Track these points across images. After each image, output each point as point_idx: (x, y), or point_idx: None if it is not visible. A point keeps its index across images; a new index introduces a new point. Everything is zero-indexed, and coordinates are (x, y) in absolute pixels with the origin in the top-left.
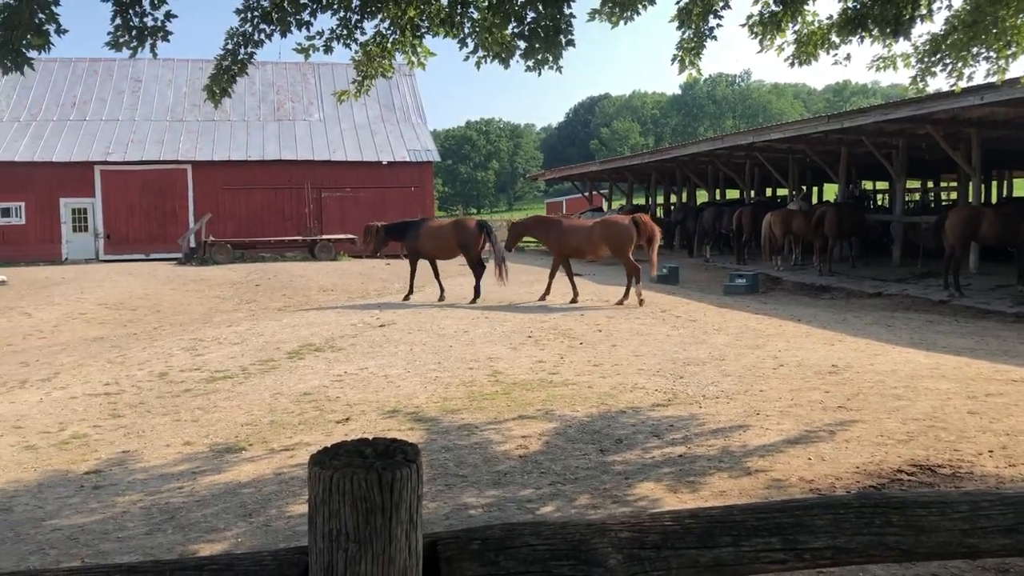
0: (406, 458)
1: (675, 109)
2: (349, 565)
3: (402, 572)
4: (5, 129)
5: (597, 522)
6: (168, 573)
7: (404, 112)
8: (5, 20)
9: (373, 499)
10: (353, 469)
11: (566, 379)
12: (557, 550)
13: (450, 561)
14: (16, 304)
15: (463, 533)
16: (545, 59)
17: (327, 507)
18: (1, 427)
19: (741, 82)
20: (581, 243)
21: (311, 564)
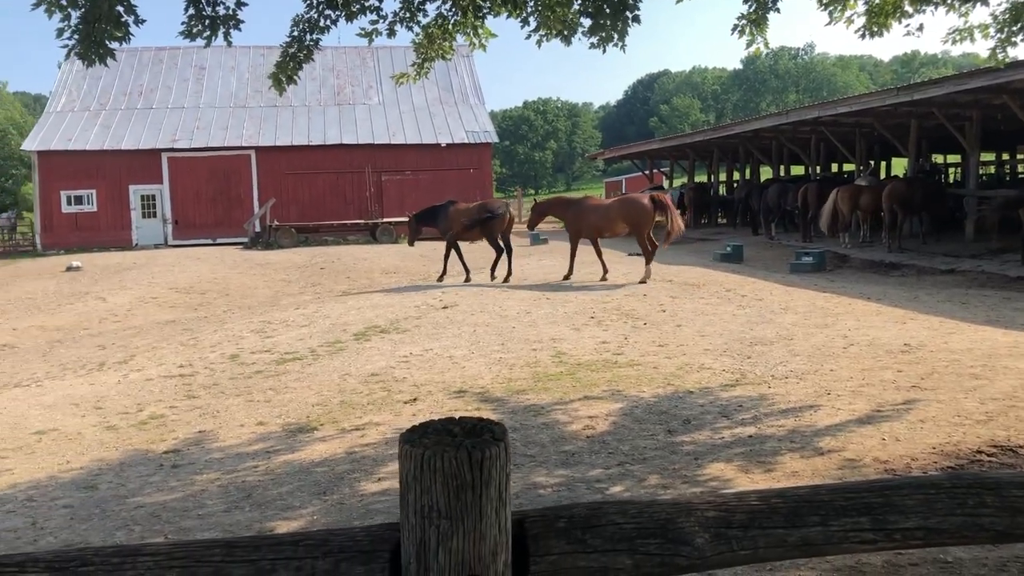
0: (494, 437)
1: (736, 84)
2: (441, 541)
3: (492, 548)
4: (76, 119)
5: (683, 501)
6: (266, 548)
7: (462, 94)
8: (86, 14)
9: (463, 476)
10: (443, 447)
11: (631, 359)
12: (644, 528)
13: (537, 538)
14: (91, 289)
15: (550, 511)
16: (610, 36)
17: (419, 484)
18: (83, 408)
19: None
20: (600, 221)
21: (403, 539)
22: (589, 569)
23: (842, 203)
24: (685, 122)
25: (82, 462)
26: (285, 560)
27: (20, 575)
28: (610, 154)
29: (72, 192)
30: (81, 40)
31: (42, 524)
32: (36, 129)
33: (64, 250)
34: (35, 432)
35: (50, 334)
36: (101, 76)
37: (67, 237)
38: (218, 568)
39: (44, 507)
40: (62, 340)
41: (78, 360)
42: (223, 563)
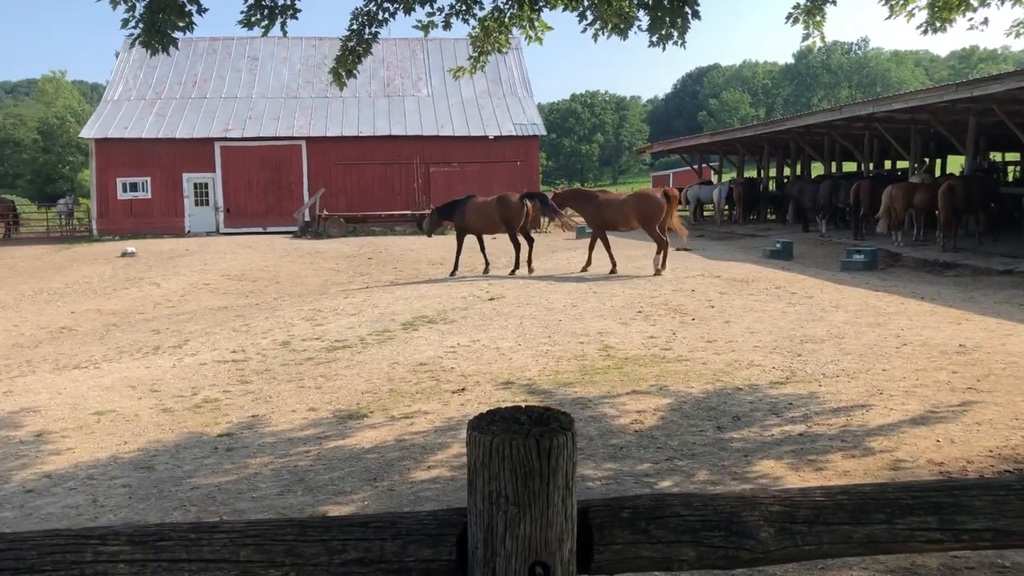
0: (561, 426)
1: (787, 79)
2: (509, 527)
3: (559, 535)
4: (132, 108)
5: (747, 495)
6: (337, 528)
7: (511, 86)
8: (151, 3)
9: (531, 464)
10: (511, 435)
11: (679, 355)
12: (708, 521)
13: (602, 527)
14: (145, 275)
15: (614, 501)
16: (669, 33)
17: (487, 470)
18: (139, 390)
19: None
20: (614, 215)
21: (470, 524)
22: (652, 560)
23: (896, 201)
24: (734, 117)
25: (139, 443)
26: (355, 541)
27: (102, 547)
28: (658, 148)
29: (128, 179)
30: (145, 29)
31: (102, 502)
32: (94, 117)
33: (119, 236)
34: (94, 413)
35: (106, 317)
36: (157, 66)
37: (122, 223)
38: (291, 546)
39: (104, 486)
40: (118, 324)
41: (134, 344)
42: (295, 542)
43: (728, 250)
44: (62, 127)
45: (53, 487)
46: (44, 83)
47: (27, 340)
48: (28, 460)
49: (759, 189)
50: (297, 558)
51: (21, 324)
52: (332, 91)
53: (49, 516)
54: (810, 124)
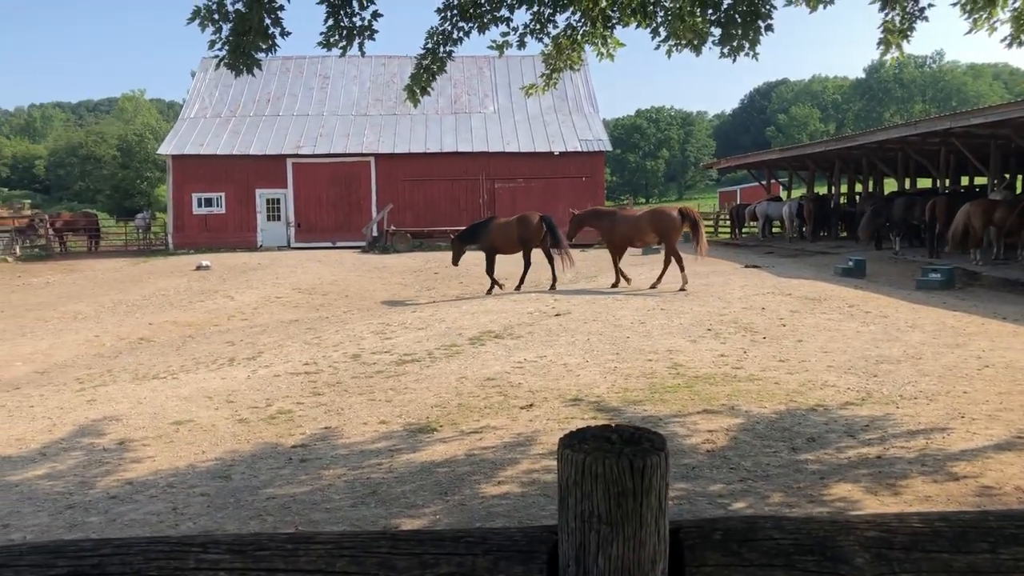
0: (654, 446)
1: (858, 94)
2: (602, 546)
3: (652, 557)
4: (208, 125)
5: (841, 519)
6: (429, 542)
7: (576, 102)
8: (236, 26)
9: (624, 483)
10: (604, 453)
11: (751, 374)
12: (801, 544)
13: (693, 549)
14: (220, 288)
15: (705, 522)
16: (741, 46)
17: (579, 489)
18: (216, 401)
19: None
20: (631, 231)
21: (562, 542)
22: None
23: (974, 218)
24: (803, 132)
25: (216, 453)
26: (447, 555)
27: (204, 555)
28: (725, 164)
29: (203, 195)
30: (231, 51)
31: (182, 510)
32: (171, 135)
33: (194, 250)
34: (173, 422)
35: (183, 329)
36: (232, 84)
37: (197, 237)
38: (384, 559)
39: (183, 494)
40: (194, 336)
41: (210, 355)
42: (389, 555)
43: (798, 267)
44: (140, 144)
45: (135, 494)
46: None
47: (108, 350)
48: (111, 467)
49: (830, 205)
50: (391, 571)
51: (102, 335)
52: (401, 108)
53: (132, 522)
54: (883, 140)
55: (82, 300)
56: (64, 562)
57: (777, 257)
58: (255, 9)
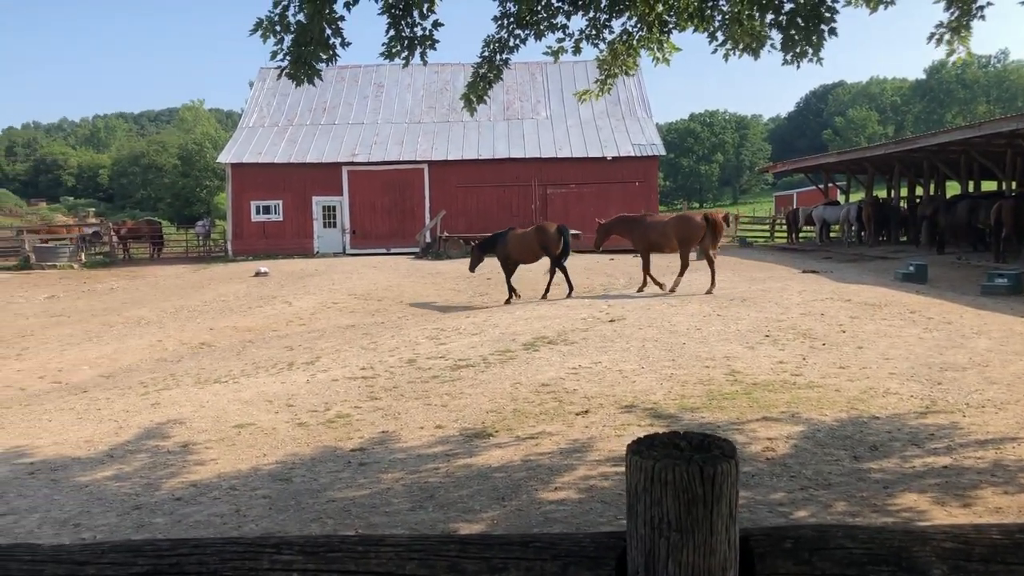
0: (723, 453)
1: (918, 95)
2: (671, 553)
3: (722, 564)
4: (265, 134)
5: (916, 530)
6: (497, 547)
7: (629, 106)
8: (298, 36)
9: (695, 490)
10: (674, 460)
11: (810, 381)
12: (875, 555)
13: (763, 557)
14: (278, 293)
15: (775, 531)
16: (804, 52)
17: (648, 496)
18: (276, 404)
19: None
20: (658, 238)
21: (630, 548)
22: None
23: None
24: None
25: (277, 456)
26: (516, 560)
27: (277, 555)
28: (782, 167)
29: (261, 202)
30: (292, 61)
31: (244, 512)
32: (230, 144)
33: (252, 256)
34: (235, 425)
35: (242, 334)
36: (288, 94)
37: (255, 244)
38: (453, 563)
39: (246, 496)
40: (253, 340)
41: (269, 359)
42: (458, 558)
43: (857, 272)
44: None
45: (199, 496)
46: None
47: (170, 355)
48: (176, 469)
49: (890, 209)
50: (460, 574)
51: (164, 340)
52: (453, 115)
53: (196, 524)
54: (945, 142)
55: (145, 306)
56: (144, 560)
57: (835, 262)
58: (316, 20)
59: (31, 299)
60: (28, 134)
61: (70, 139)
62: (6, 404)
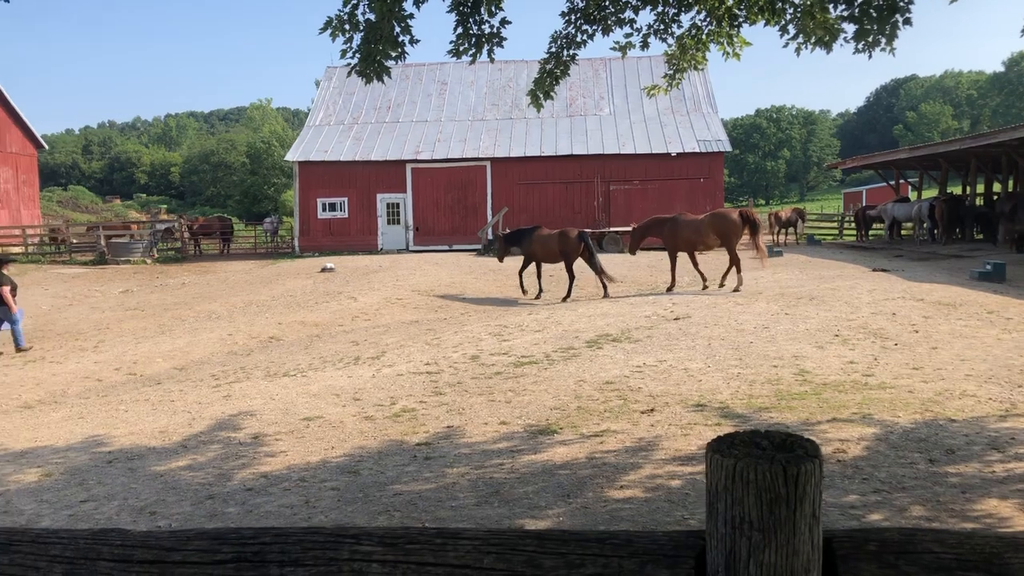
0: (807, 453)
1: (996, 88)
2: (752, 553)
3: (805, 565)
4: (332, 132)
5: (1009, 536)
6: (574, 543)
7: (695, 102)
8: (367, 35)
9: (777, 490)
10: (756, 459)
11: (882, 382)
12: (965, 560)
13: (847, 559)
14: (343, 289)
15: (858, 532)
16: (876, 41)
17: (729, 495)
18: (343, 398)
19: None
20: (693, 236)
21: (710, 548)
22: None
23: None
24: (934, 130)
25: (345, 448)
26: (593, 556)
27: (357, 546)
28: (851, 164)
29: (327, 199)
30: (361, 59)
31: (314, 503)
32: (297, 142)
33: (318, 253)
34: (303, 418)
35: (310, 329)
36: (354, 92)
37: (321, 241)
38: (531, 557)
39: (315, 488)
40: (320, 335)
41: (335, 354)
42: (535, 553)
43: (930, 271)
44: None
45: (270, 487)
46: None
47: (240, 348)
48: (247, 460)
49: (965, 206)
50: (537, 569)
51: (235, 333)
52: (516, 112)
53: (268, 514)
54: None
55: (215, 300)
56: (228, 548)
57: (907, 260)
58: (386, 18)
59: (107, 293)
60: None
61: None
62: (85, 395)
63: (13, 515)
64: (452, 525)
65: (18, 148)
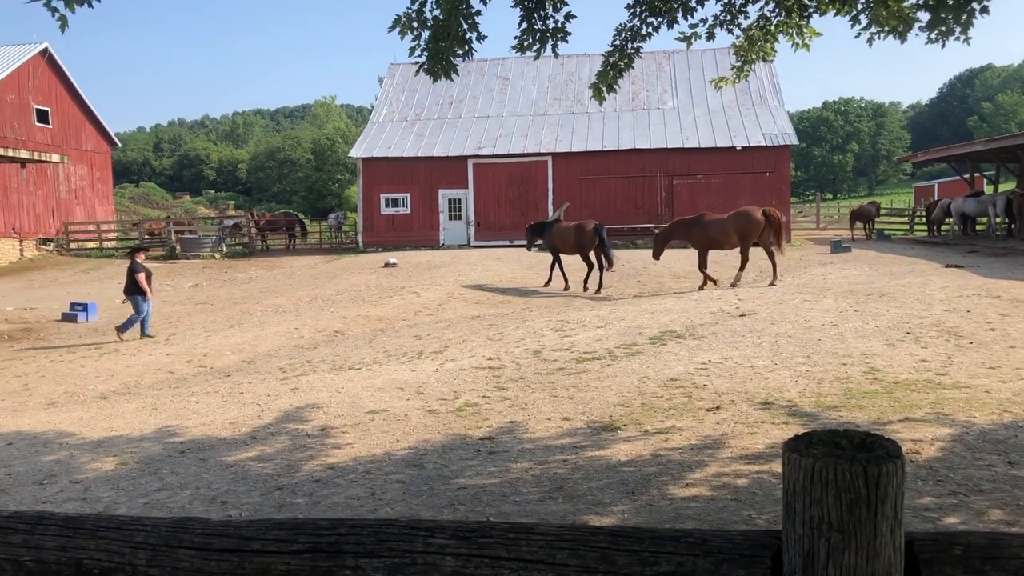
0: (888, 453)
1: None
2: (832, 554)
3: (886, 568)
4: (395, 129)
5: None
6: (648, 540)
7: (760, 95)
8: (435, 32)
9: (858, 491)
10: (835, 459)
11: (957, 381)
12: None
13: (930, 563)
14: (406, 284)
15: (942, 536)
16: (951, 30)
17: (808, 495)
18: (407, 392)
19: None
20: (718, 235)
21: (787, 548)
22: None
23: None
24: (1012, 121)
25: (409, 442)
26: (667, 554)
27: (431, 539)
28: (923, 157)
29: (390, 195)
30: (429, 57)
31: (380, 495)
32: (361, 138)
33: (381, 248)
34: (369, 411)
35: (373, 323)
36: (417, 89)
37: (384, 236)
38: (604, 554)
39: (380, 480)
40: (384, 329)
41: (399, 348)
42: (609, 550)
43: (1007, 267)
44: (332, 147)
45: (336, 478)
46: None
47: (306, 342)
48: (314, 452)
49: None
50: (611, 566)
51: (301, 327)
52: (578, 107)
53: (335, 505)
54: None
55: (282, 294)
56: (305, 538)
57: (982, 256)
58: (453, 15)
59: (177, 287)
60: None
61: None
62: (157, 386)
63: (91, 502)
64: (517, 520)
65: (93, 146)
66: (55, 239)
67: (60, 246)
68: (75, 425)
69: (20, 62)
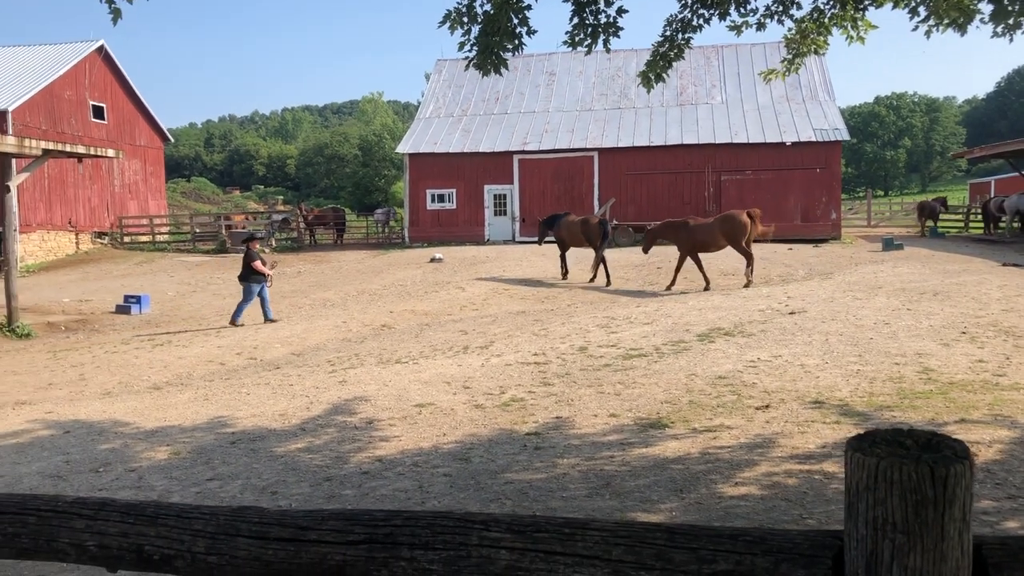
0: (955, 454)
1: None
2: (896, 556)
3: (954, 572)
4: (441, 124)
5: None
6: (705, 538)
7: (811, 90)
8: (485, 27)
9: (924, 491)
10: (900, 459)
11: (1015, 382)
12: None
13: (1000, 567)
14: (451, 279)
15: (1011, 540)
16: (1018, 23)
17: (871, 494)
18: (453, 386)
19: None
20: (705, 237)
21: (849, 549)
22: None
23: None
24: None
25: (456, 436)
26: (725, 553)
27: (485, 532)
28: (979, 152)
29: (436, 191)
30: (479, 52)
31: (427, 488)
32: (408, 134)
33: (427, 243)
34: (416, 405)
35: (420, 317)
36: (463, 85)
37: (429, 231)
38: (660, 551)
39: (427, 473)
40: (430, 324)
41: (445, 342)
42: (665, 547)
43: None
44: (379, 143)
45: (384, 471)
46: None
47: (354, 336)
48: (362, 444)
49: None
50: (667, 563)
51: (348, 321)
52: (624, 102)
53: (383, 497)
54: None
55: (330, 289)
56: (360, 529)
57: None
58: (503, 10)
59: (228, 281)
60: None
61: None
62: (209, 378)
63: (145, 490)
64: (564, 515)
65: (146, 141)
66: (109, 232)
67: (114, 239)
68: (129, 414)
69: (77, 59)
